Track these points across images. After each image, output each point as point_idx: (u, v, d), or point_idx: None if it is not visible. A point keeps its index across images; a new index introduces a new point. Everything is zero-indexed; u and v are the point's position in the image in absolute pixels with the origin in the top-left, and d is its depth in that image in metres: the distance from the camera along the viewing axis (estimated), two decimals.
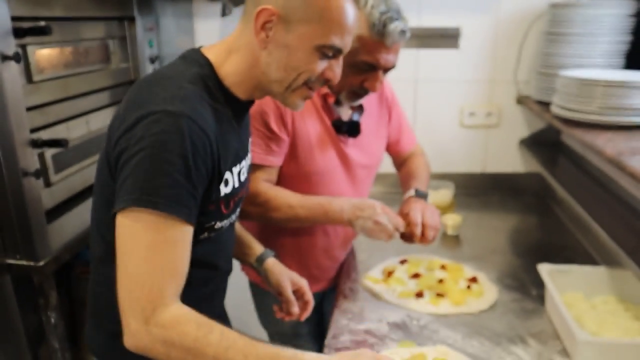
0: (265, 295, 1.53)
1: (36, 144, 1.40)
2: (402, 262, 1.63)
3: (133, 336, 0.86)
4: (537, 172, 2.12)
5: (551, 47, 1.89)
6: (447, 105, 2.20)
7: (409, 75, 2.17)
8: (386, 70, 1.34)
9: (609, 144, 1.38)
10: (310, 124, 1.41)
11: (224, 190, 0.99)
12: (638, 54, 1.82)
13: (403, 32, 1.28)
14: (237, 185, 1.03)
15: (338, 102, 1.44)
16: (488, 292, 1.49)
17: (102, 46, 1.81)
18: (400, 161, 1.73)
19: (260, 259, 1.28)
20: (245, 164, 1.08)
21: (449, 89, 2.18)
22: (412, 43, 2.12)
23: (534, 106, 1.96)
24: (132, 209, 0.85)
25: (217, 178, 0.96)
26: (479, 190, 2.19)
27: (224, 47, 0.98)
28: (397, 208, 1.48)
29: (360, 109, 1.48)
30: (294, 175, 1.43)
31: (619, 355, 1.15)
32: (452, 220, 1.87)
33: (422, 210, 1.42)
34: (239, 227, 1.30)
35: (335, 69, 0.99)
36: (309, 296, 1.28)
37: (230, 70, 0.96)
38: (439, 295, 1.46)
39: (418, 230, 1.39)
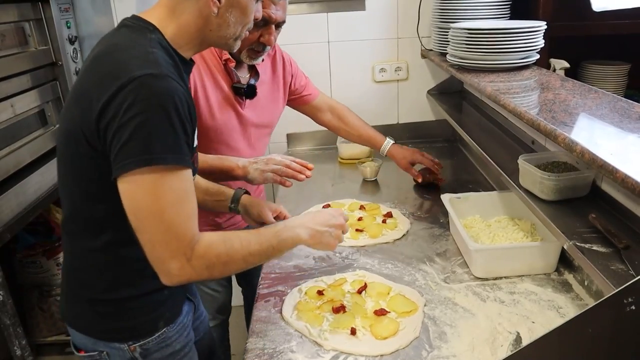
0: None
1: None
2: (325, 207, 1.80)
3: (177, 275, 0.97)
4: (444, 119, 2.33)
5: (444, 4, 2.08)
6: (359, 64, 2.37)
7: (321, 38, 2.32)
8: (278, 25, 1.49)
9: (490, 84, 1.58)
10: (209, 88, 1.53)
11: (196, 141, 1.06)
12: (520, 4, 2.04)
13: None
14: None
15: (237, 67, 1.58)
16: (402, 224, 1.69)
17: (18, 29, 1.83)
18: (319, 110, 1.90)
19: (236, 199, 1.41)
20: None
21: (359, 48, 2.34)
22: (321, 8, 2.26)
23: (436, 58, 2.15)
24: (143, 170, 0.90)
25: (193, 128, 1.02)
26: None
27: (164, 10, 1.01)
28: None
29: (256, 74, 1.63)
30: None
31: (500, 257, 1.38)
32: (370, 167, 2.05)
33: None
34: (204, 181, 1.39)
35: (261, 8, 1.13)
36: (288, 216, 1.41)
37: (175, 33, 1.01)
38: (358, 230, 1.64)
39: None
